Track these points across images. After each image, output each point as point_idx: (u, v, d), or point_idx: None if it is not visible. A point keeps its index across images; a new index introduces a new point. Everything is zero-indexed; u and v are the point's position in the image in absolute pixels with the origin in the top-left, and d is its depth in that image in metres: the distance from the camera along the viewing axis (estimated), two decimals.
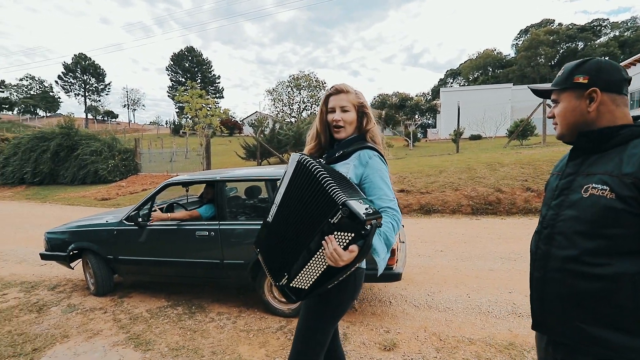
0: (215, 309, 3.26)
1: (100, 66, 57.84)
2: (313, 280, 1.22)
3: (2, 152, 17.54)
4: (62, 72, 55.80)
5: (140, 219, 3.26)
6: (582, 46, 37.62)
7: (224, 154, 23.04)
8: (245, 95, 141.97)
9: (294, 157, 1.36)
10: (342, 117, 1.44)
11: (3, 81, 37.62)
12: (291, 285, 1.28)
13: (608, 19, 41.08)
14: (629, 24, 40.09)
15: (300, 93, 43.52)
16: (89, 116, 56.09)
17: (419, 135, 21.25)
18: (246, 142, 17.71)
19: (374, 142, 1.48)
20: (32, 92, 56.52)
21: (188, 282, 3.70)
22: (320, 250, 1.17)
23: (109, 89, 59.80)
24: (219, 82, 56.65)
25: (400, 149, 19.49)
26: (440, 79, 54.16)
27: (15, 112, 51.47)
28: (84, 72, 56.56)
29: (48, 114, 54.05)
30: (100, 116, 57.12)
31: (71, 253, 3.66)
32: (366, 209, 1.11)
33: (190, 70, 54.82)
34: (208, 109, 16.15)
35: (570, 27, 39.89)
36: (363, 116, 1.48)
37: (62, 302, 3.59)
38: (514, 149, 12.38)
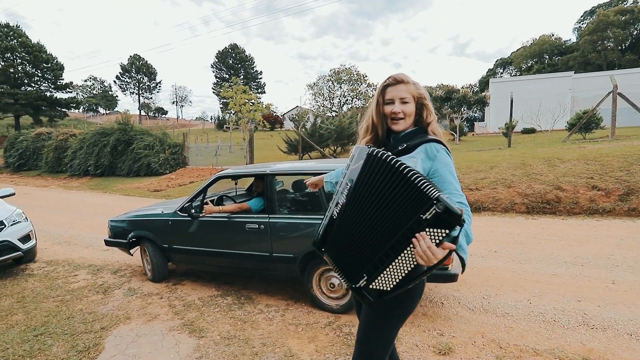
0: (264, 300, 3.31)
1: (152, 66, 61.86)
2: (397, 280, 1.15)
3: (71, 146, 19.39)
4: (119, 72, 60.52)
5: (193, 211, 3.39)
6: None
7: (266, 148, 23.61)
8: (286, 90, 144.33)
9: (363, 150, 1.27)
10: (402, 109, 1.36)
11: (71, 82, 41.58)
12: (371, 286, 1.20)
13: None
14: None
15: (341, 87, 43.28)
16: (142, 113, 60.36)
17: (465, 129, 20.16)
18: (288, 136, 17.95)
19: (435, 135, 1.39)
20: (94, 92, 62.01)
21: (238, 273, 3.80)
22: (409, 249, 1.09)
23: (159, 87, 63.79)
24: (261, 78, 58.11)
25: (446, 144, 18.64)
26: (489, 70, 50.86)
27: (80, 110, 56.83)
28: (138, 71, 60.81)
29: (107, 112, 59.05)
30: (151, 113, 61.28)
31: (131, 241, 3.91)
32: (455, 203, 1.03)
33: (234, 67, 56.69)
34: (251, 104, 16.54)
35: None
36: (422, 108, 1.40)
37: (124, 285, 3.86)
38: (575, 143, 11.29)
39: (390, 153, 1.20)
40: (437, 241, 1.04)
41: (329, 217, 1.35)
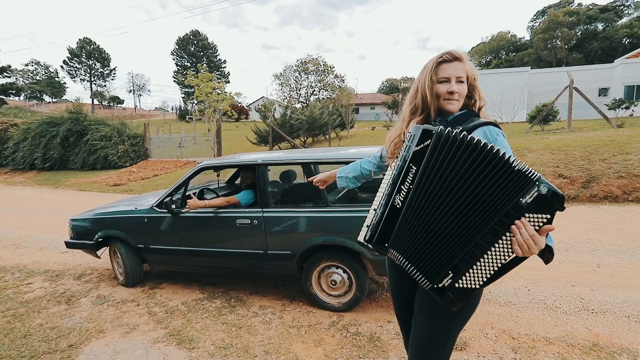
0: (256, 302, 3.04)
1: (105, 50, 57.14)
2: (489, 275, 1.01)
3: (12, 138, 17.40)
4: (67, 57, 55.26)
5: (173, 206, 3.02)
6: (602, 27, 36.09)
7: (233, 140, 22.74)
8: (250, 80, 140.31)
9: (427, 128, 1.07)
10: (459, 89, 1.21)
11: (9, 66, 37.10)
12: (457, 285, 1.05)
13: None
14: None
15: (308, 77, 42.74)
16: (95, 102, 55.82)
17: None
18: (257, 127, 17.38)
19: (486, 117, 1.28)
20: (37, 78, 56.19)
21: (226, 274, 3.48)
22: (505, 238, 0.96)
23: (114, 74, 59.19)
24: (224, 67, 55.80)
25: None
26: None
27: (22, 97, 51.31)
28: (89, 56, 55.90)
29: (54, 100, 53.86)
30: (106, 102, 56.75)
31: (98, 241, 3.45)
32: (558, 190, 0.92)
33: (196, 55, 53.82)
34: (218, 93, 15.76)
35: (591, 7, 38.18)
36: (473, 90, 1.27)
37: (91, 292, 3.40)
38: (537, 134, 11.92)
39: (465, 131, 1.03)
40: (537, 228, 0.93)
41: (386, 206, 1.14)
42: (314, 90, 43.02)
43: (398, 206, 1.12)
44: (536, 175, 0.93)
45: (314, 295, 2.83)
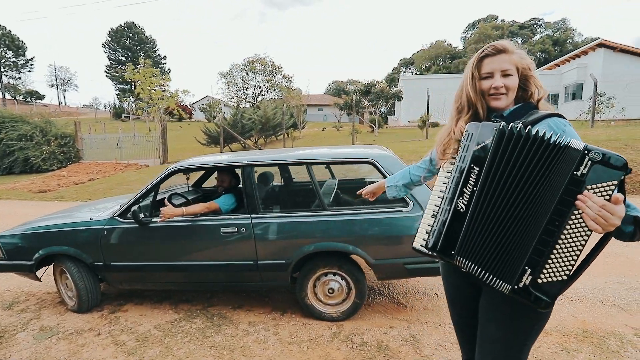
0: (243, 318, 2.74)
1: (19, 38, 49.76)
2: (573, 261, 0.93)
3: None
4: None
5: (142, 215, 2.59)
6: (521, 42, 40.90)
7: (178, 140, 21.26)
8: (192, 78, 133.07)
9: (486, 126, 1.05)
10: (505, 83, 1.13)
11: None
12: (540, 281, 0.96)
13: (542, 19, 45.14)
14: (559, 24, 44.33)
15: (255, 77, 41.77)
16: (7, 96, 48.37)
17: (382, 122, 21.49)
18: (206, 127, 16.43)
19: (547, 108, 1.20)
20: None
21: (208, 289, 3.10)
22: (574, 217, 0.91)
23: (31, 65, 51.83)
24: (164, 63, 52.01)
25: (366, 135, 19.55)
26: (394, 68, 55.49)
27: None
28: None
29: None
30: (21, 96, 49.47)
31: (39, 261, 2.84)
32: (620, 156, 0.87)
33: (132, 49, 49.22)
34: (162, 90, 14.58)
35: (512, 23, 43.04)
36: (527, 81, 1.17)
37: (31, 324, 2.78)
38: None
39: (521, 123, 0.99)
40: (607, 197, 0.86)
41: (449, 210, 1.06)
42: (262, 90, 42.17)
43: (462, 210, 1.06)
44: (582, 144, 0.90)
45: (310, 305, 2.62)
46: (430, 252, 1.11)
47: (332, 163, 2.66)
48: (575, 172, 0.90)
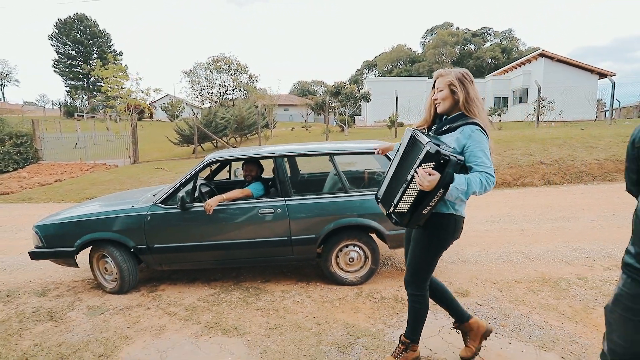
0: (275, 288, 3.16)
1: None
2: (410, 203, 1.66)
3: None
4: None
5: (187, 201, 2.92)
6: (474, 48, 44.40)
7: (142, 140, 20.51)
8: (150, 76, 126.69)
9: (408, 131, 1.79)
10: (438, 95, 1.78)
11: None
12: (396, 210, 1.72)
13: (492, 28, 49.23)
14: (506, 33, 48.61)
15: (220, 76, 41.00)
16: None
17: (351, 122, 22.32)
18: (178, 126, 16.17)
19: (474, 115, 1.71)
20: None
21: (245, 265, 3.44)
22: (414, 181, 1.60)
23: None
24: (121, 60, 49.18)
25: (337, 134, 20.24)
26: (357, 69, 57.25)
27: None
28: None
29: None
30: None
31: (79, 247, 3.06)
32: (445, 149, 1.53)
33: (83, 43, 45.96)
34: (133, 88, 14.17)
35: (466, 31, 46.47)
36: (454, 93, 1.73)
37: (76, 305, 3.00)
38: None
39: (421, 132, 1.72)
40: (429, 172, 1.53)
41: (386, 177, 1.90)
42: (227, 89, 41.54)
43: (390, 177, 1.87)
44: (426, 140, 1.57)
45: (333, 273, 3.11)
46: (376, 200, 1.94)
47: (353, 154, 3.16)
48: (419, 156, 1.58)
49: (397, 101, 14.67)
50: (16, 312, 2.93)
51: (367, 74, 52.99)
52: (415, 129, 1.76)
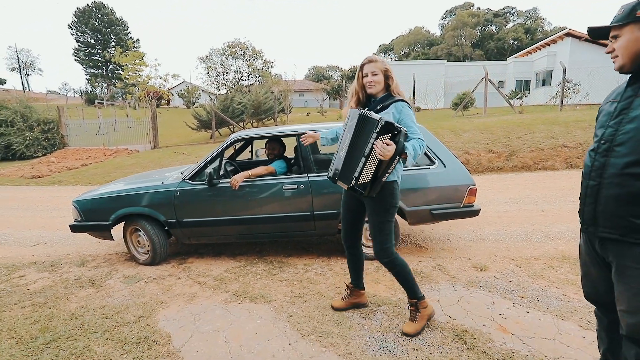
0: (297, 262, 3.30)
1: None
2: (371, 174, 1.87)
3: None
4: None
5: (215, 177, 3.06)
6: (495, 29, 42.59)
7: (160, 126, 20.93)
8: (167, 63, 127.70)
9: (355, 112, 1.96)
10: (373, 79, 2.02)
11: None
12: (359, 182, 1.91)
13: (515, 7, 46.93)
14: (530, 13, 46.35)
15: (236, 62, 41.05)
16: None
17: None
18: (196, 112, 16.42)
19: (400, 94, 2.06)
20: None
21: (269, 239, 3.59)
22: (373, 153, 1.83)
23: None
24: (138, 47, 49.85)
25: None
26: (373, 54, 55.85)
27: None
28: None
29: None
30: None
31: (114, 221, 3.26)
32: (395, 124, 1.82)
33: (102, 31, 46.71)
34: (151, 74, 14.41)
35: (487, 11, 44.57)
36: (388, 78, 2.05)
37: (113, 274, 3.22)
38: (462, 118, 13.82)
39: (369, 111, 1.92)
40: (387, 143, 1.76)
41: (341, 157, 2.04)
42: (242, 75, 41.62)
43: (342, 155, 2.02)
44: (379, 116, 1.82)
45: None
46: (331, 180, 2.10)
47: None
48: (375, 130, 1.81)
49: (414, 85, 14.37)
50: (61, 279, 3.18)
51: (383, 57, 51.85)
52: (360, 109, 1.96)
